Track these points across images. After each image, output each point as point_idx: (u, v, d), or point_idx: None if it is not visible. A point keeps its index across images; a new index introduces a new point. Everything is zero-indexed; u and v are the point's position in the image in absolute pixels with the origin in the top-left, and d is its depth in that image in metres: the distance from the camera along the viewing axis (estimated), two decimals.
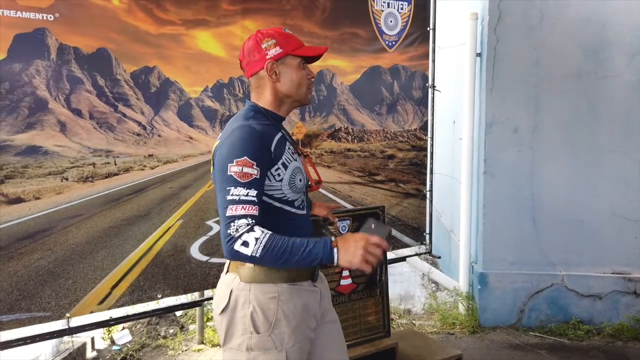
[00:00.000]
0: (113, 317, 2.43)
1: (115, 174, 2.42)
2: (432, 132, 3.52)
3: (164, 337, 3.39)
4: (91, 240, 2.32)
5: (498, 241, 3.58)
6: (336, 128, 3.17)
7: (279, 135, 1.50)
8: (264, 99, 1.54)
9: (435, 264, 4.53)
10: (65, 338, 2.95)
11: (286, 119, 1.63)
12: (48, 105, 2.24)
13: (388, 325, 2.59)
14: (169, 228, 2.53)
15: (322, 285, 1.65)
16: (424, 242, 3.50)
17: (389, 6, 3.18)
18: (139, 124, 2.49)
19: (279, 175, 1.46)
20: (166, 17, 2.45)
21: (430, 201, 3.52)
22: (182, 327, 3.54)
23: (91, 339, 3.20)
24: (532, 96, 3.51)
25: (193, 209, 2.59)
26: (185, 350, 3.27)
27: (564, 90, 3.49)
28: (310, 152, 3.02)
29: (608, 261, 3.51)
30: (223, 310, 1.50)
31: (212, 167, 1.52)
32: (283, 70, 1.52)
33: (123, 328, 3.39)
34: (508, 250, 3.57)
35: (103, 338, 3.32)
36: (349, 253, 1.33)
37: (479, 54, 3.61)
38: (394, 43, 3.25)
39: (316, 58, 1.60)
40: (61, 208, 2.27)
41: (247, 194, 1.37)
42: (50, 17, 2.16)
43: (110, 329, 3.27)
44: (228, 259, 1.52)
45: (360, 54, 3.14)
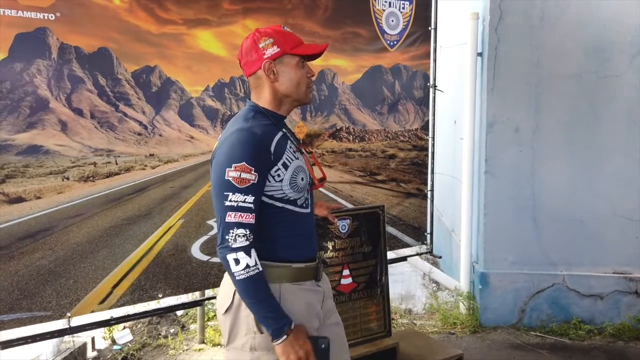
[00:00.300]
0: (114, 317, 2.43)
1: (116, 174, 2.42)
2: (433, 132, 3.52)
3: (165, 337, 3.39)
4: (92, 240, 2.32)
5: (499, 241, 3.58)
6: (337, 128, 3.17)
7: (279, 134, 1.49)
8: (264, 98, 1.53)
9: (436, 264, 4.53)
10: (66, 337, 2.95)
11: (288, 118, 1.62)
12: (49, 104, 2.24)
13: (389, 324, 2.58)
14: (170, 227, 2.53)
15: (325, 285, 1.65)
16: (424, 242, 3.50)
17: (390, 5, 3.18)
18: (140, 123, 2.49)
19: (278, 176, 1.45)
20: (167, 17, 2.45)
21: (431, 201, 3.52)
22: (183, 327, 3.54)
23: (92, 339, 3.19)
24: (533, 96, 3.51)
25: (194, 209, 2.59)
26: (186, 349, 3.27)
27: (565, 90, 3.49)
28: (312, 152, 3.02)
29: (609, 261, 3.51)
30: (227, 310, 1.49)
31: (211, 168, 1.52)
32: (281, 69, 1.50)
33: (124, 327, 3.39)
34: (509, 250, 3.57)
35: (104, 337, 3.32)
36: (290, 348, 1.39)
37: (480, 54, 3.61)
38: (395, 42, 3.25)
39: (316, 56, 1.57)
40: (62, 207, 2.27)
41: (245, 200, 1.38)
42: (52, 17, 2.16)
43: (111, 328, 3.27)
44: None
45: (362, 53, 3.14)
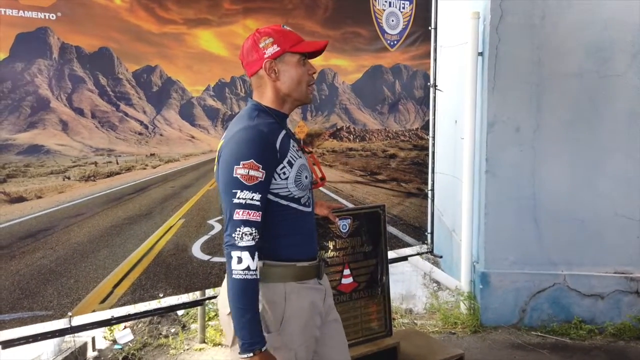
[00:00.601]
0: (115, 316, 2.43)
1: (117, 173, 2.42)
2: (434, 132, 3.52)
3: (166, 337, 3.39)
4: (93, 239, 2.32)
5: (500, 241, 3.58)
6: (338, 127, 3.17)
7: (283, 133, 1.50)
8: (266, 97, 1.53)
9: (436, 264, 4.53)
10: (67, 337, 2.95)
11: (288, 118, 1.62)
12: (50, 104, 2.24)
13: (389, 324, 2.58)
14: (171, 227, 2.53)
15: (326, 283, 1.66)
16: (425, 242, 3.50)
17: (390, 5, 3.18)
18: (141, 123, 2.49)
19: (284, 173, 1.46)
20: (168, 17, 2.45)
21: (432, 200, 3.52)
22: (184, 327, 3.54)
23: (92, 338, 3.20)
24: (534, 95, 3.51)
25: (195, 208, 2.59)
26: (187, 349, 3.27)
27: (566, 89, 3.49)
28: (312, 152, 3.02)
29: (610, 261, 3.51)
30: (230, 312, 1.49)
31: (216, 167, 1.52)
32: (282, 68, 1.50)
33: (125, 327, 3.39)
34: (510, 249, 3.57)
35: (105, 337, 3.32)
36: None
37: (480, 53, 3.61)
38: (395, 42, 3.25)
39: (317, 53, 1.58)
40: (63, 207, 2.27)
41: (252, 197, 1.38)
42: (53, 17, 2.16)
43: (111, 328, 3.28)
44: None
45: (362, 53, 3.14)
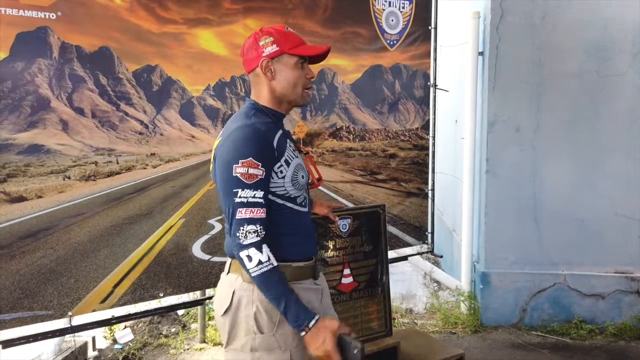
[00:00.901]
0: (115, 316, 2.43)
1: (117, 173, 2.42)
2: (434, 131, 3.52)
3: (166, 336, 3.39)
4: (93, 239, 2.32)
5: (500, 240, 3.57)
6: (337, 127, 3.17)
7: (279, 132, 1.50)
8: (263, 96, 1.54)
9: (437, 263, 4.52)
10: (67, 337, 2.96)
11: (288, 117, 1.63)
12: (50, 104, 2.24)
13: (390, 324, 2.58)
14: (171, 227, 2.53)
15: (323, 282, 1.65)
16: (425, 242, 3.50)
17: (390, 5, 3.18)
18: (141, 122, 2.49)
19: (281, 172, 1.46)
20: (168, 16, 2.45)
21: (432, 200, 3.52)
22: (184, 326, 3.54)
23: (93, 338, 3.20)
24: (534, 95, 3.51)
25: (195, 208, 2.59)
26: (187, 349, 3.27)
27: (566, 89, 3.49)
28: (311, 151, 3.02)
29: (610, 260, 3.51)
30: (226, 311, 1.49)
31: (213, 165, 1.52)
32: (279, 68, 1.50)
33: (125, 327, 3.39)
34: (510, 249, 3.57)
35: (105, 337, 3.32)
36: (311, 343, 1.39)
37: (481, 53, 3.61)
38: (395, 42, 3.24)
39: (319, 58, 1.57)
40: (63, 207, 2.27)
41: (254, 195, 1.38)
42: (53, 16, 2.17)
43: (112, 327, 3.28)
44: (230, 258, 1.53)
45: (362, 53, 3.14)
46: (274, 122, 1.51)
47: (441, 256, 3.94)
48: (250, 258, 1.37)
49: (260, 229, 1.38)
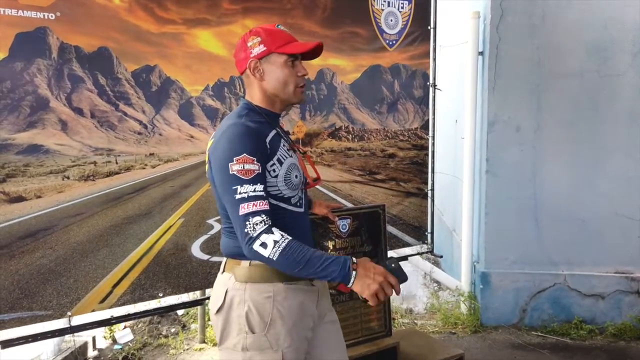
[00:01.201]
0: (114, 316, 2.43)
1: (117, 173, 2.42)
2: (434, 131, 3.52)
3: (166, 336, 3.39)
4: (92, 239, 2.33)
5: (500, 240, 3.57)
6: (336, 127, 3.17)
7: (273, 132, 1.50)
8: (256, 96, 1.54)
9: (437, 264, 4.52)
10: (67, 337, 2.96)
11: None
12: (49, 104, 2.25)
13: (389, 324, 2.58)
14: (170, 227, 2.53)
15: (320, 284, 1.63)
16: (425, 242, 3.49)
17: (389, 5, 3.18)
18: (140, 122, 2.49)
19: (274, 171, 1.46)
20: (167, 16, 2.45)
21: (432, 200, 3.51)
22: (184, 326, 3.55)
23: (93, 338, 3.20)
24: (535, 95, 3.50)
25: (194, 208, 2.59)
26: (187, 349, 3.28)
27: (567, 89, 3.48)
28: (310, 151, 3.02)
29: (611, 261, 3.50)
30: (219, 310, 1.49)
31: (208, 166, 1.52)
32: (268, 68, 1.50)
33: (125, 327, 3.40)
34: (510, 249, 3.56)
35: (105, 337, 3.32)
36: (365, 281, 1.34)
37: (481, 53, 3.61)
38: (394, 42, 3.24)
39: (313, 55, 1.56)
40: (62, 207, 2.27)
41: (255, 189, 1.37)
42: (52, 16, 2.17)
43: (111, 327, 3.28)
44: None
45: (361, 53, 3.14)
46: (267, 122, 1.51)
47: (441, 256, 3.93)
48: (265, 245, 1.33)
49: (266, 218, 1.36)
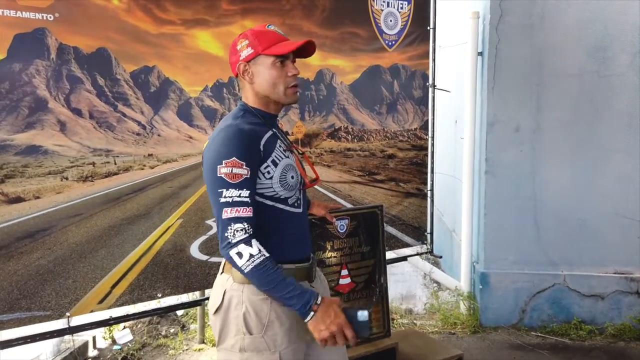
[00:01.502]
0: (113, 317, 2.43)
1: (115, 174, 2.42)
2: (433, 132, 3.51)
3: (165, 337, 3.39)
4: (91, 240, 2.33)
5: (500, 241, 3.57)
6: (336, 127, 3.16)
7: (269, 133, 1.50)
8: (250, 98, 1.55)
9: (436, 264, 4.52)
10: (67, 337, 2.96)
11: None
12: (48, 104, 2.25)
13: (388, 325, 2.58)
14: (169, 227, 2.53)
15: (320, 285, 1.64)
16: (425, 242, 3.49)
17: (388, 5, 3.17)
18: (139, 123, 2.50)
19: (268, 173, 1.46)
20: (166, 17, 2.45)
21: (432, 200, 3.51)
22: (183, 327, 3.55)
23: (92, 338, 3.21)
24: (534, 95, 3.50)
25: (193, 208, 2.59)
26: (186, 349, 3.28)
27: (566, 89, 3.48)
28: (310, 152, 3.02)
29: (610, 261, 3.49)
30: (217, 311, 1.50)
31: (203, 168, 1.52)
32: (256, 70, 1.50)
33: (124, 327, 3.40)
34: (510, 249, 3.56)
35: (104, 337, 3.33)
36: (319, 325, 1.37)
37: (480, 53, 3.60)
38: (393, 42, 3.24)
39: (306, 53, 1.55)
40: (61, 207, 2.28)
41: (240, 194, 1.38)
42: (50, 17, 2.17)
43: (111, 328, 3.28)
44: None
45: (360, 53, 3.14)
46: (262, 123, 1.51)
47: (440, 256, 3.94)
48: (240, 255, 1.36)
49: (247, 227, 1.38)
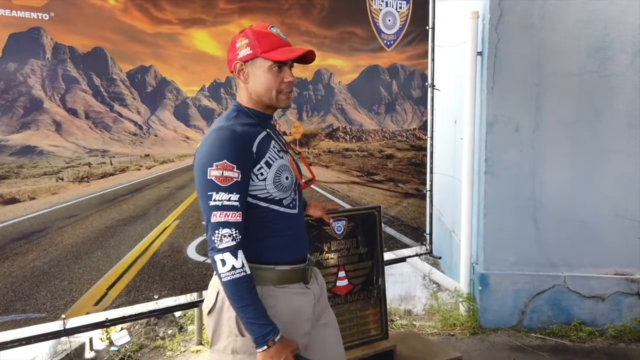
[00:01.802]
0: (109, 318, 2.42)
1: (111, 174, 2.40)
2: (432, 132, 3.50)
3: (163, 338, 3.38)
4: (87, 241, 2.31)
5: (499, 242, 3.55)
6: (334, 127, 3.15)
7: (262, 134, 1.48)
8: (244, 98, 1.53)
9: (436, 265, 4.50)
10: (63, 339, 2.94)
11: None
12: (43, 104, 2.23)
13: (386, 327, 2.56)
14: (166, 228, 2.52)
15: (317, 286, 1.61)
16: (424, 243, 3.47)
17: (387, 5, 3.16)
18: (135, 123, 2.48)
19: (262, 174, 1.44)
20: (162, 16, 2.43)
21: (431, 201, 3.49)
22: (181, 328, 3.53)
23: (89, 340, 3.19)
24: (534, 95, 3.48)
25: (189, 210, 2.58)
26: (184, 351, 3.26)
27: (566, 89, 3.46)
28: (308, 152, 3.00)
29: (610, 262, 3.47)
30: (210, 312, 1.49)
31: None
32: (252, 71, 1.48)
33: (122, 329, 3.38)
34: (509, 250, 3.54)
35: (101, 339, 3.31)
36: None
37: (479, 53, 3.58)
38: (392, 42, 3.22)
39: (306, 60, 1.53)
40: (56, 208, 2.26)
41: (229, 198, 1.37)
42: (46, 17, 2.15)
43: (108, 329, 3.27)
44: None
45: (358, 53, 3.12)
46: (256, 123, 1.49)
47: (440, 257, 3.92)
48: (224, 262, 1.35)
49: (235, 233, 1.36)
